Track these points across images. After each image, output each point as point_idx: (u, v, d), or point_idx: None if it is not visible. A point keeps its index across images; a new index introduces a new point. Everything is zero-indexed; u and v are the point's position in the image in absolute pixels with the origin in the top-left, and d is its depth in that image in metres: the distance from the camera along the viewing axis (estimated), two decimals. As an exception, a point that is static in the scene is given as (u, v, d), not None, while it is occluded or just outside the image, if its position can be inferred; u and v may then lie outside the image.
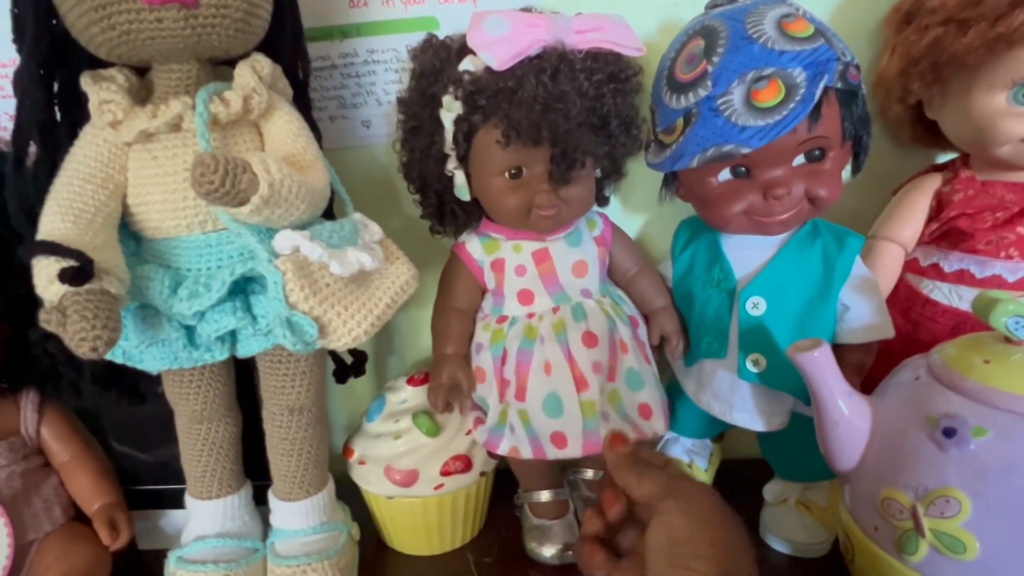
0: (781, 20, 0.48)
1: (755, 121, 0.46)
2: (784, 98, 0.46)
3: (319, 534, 0.55)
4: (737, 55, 0.48)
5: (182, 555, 0.53)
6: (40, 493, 0.56)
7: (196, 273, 0.45)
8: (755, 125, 0.46)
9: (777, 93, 0.46)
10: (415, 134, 0.54)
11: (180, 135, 0.44)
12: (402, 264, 0.50)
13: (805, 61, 0.46)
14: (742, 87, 0.47)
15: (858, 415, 0.45)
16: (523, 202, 0.53)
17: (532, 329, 0.55)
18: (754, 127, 0.46)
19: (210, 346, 0.46)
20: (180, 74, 0.45)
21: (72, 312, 0.38)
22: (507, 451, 0.55)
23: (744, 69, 0.47)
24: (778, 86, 0.46)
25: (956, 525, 0.39)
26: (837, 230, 0.55)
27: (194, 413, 0.52)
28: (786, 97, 0.46)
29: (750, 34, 0.48)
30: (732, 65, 0.48)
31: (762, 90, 0.46)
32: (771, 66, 0.47)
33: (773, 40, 0.47)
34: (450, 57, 0.52)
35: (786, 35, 0.47)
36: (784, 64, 0.46)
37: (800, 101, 0.46)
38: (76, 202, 0.42)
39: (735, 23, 0.49)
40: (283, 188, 0.41)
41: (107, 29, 0.40)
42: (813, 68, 0.46)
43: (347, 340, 0.44)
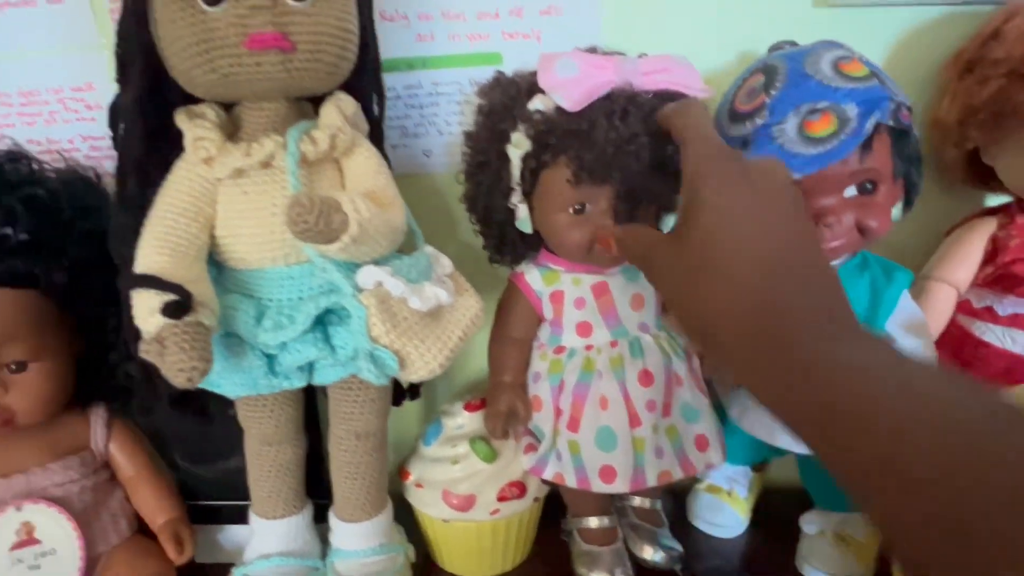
0: (838, 61, 0.50)
1: (806, 150, 0.48)
2: (836, 130, 0.48)
3: (379, 555, 0.56)
4: (794, 89, 0.50)
5: (246, 572, 0.55)
6: (108, 507, 0.58)
7: (278, 303, 0.47)
8: (806, 153, 0.48)
9: (829, 124, 0.48)
10: (482, 168, 0.56)
11: (270, 171, 0.45)
12: (470, 297, 0.52)
13: (859, 98, 0.48)
14: (796, 118, 0.49)
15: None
16: (586, 237, 0.54)
17: (590, 362, 0.57)
18: (805, 155, 0.48)
19: (289, 374, 0.47)
20: (270, 112, 0.46)
21: (171, 344, 0.40)
22: (551, 477, 0.57)
23: (799, 102, 0.49)
24: (831, 118, 0.48)
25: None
26: (886, 264, 0.56)
27: (265, 435, 0.54)
28: (838, 129, 0.48)
29: (807, 71, 0.50)
30: (789, 98, 0.50)
31: (815, 121, 0.48)
32: (825, 100, 0.48)
33: (829, 78, 0.49)
34: (519, 95, 0.53)
35: (841, 74, 0.49)
36: (838, 99, 0.48)
37: (851, 133, 0.48)
38: (171, 235, 0.44)
39: (794, 62, 0.51)
40: (370, 227, 0.43)
41: (209, 72, 0.42)
42: (866, 104, 0.48)
43: (423, 373, 0.46)
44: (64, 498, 0.55)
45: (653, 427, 0.56)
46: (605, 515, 0.62)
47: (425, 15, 0.61)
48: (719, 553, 0.65)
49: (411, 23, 0.61)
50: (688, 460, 0.56)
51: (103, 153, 0.65)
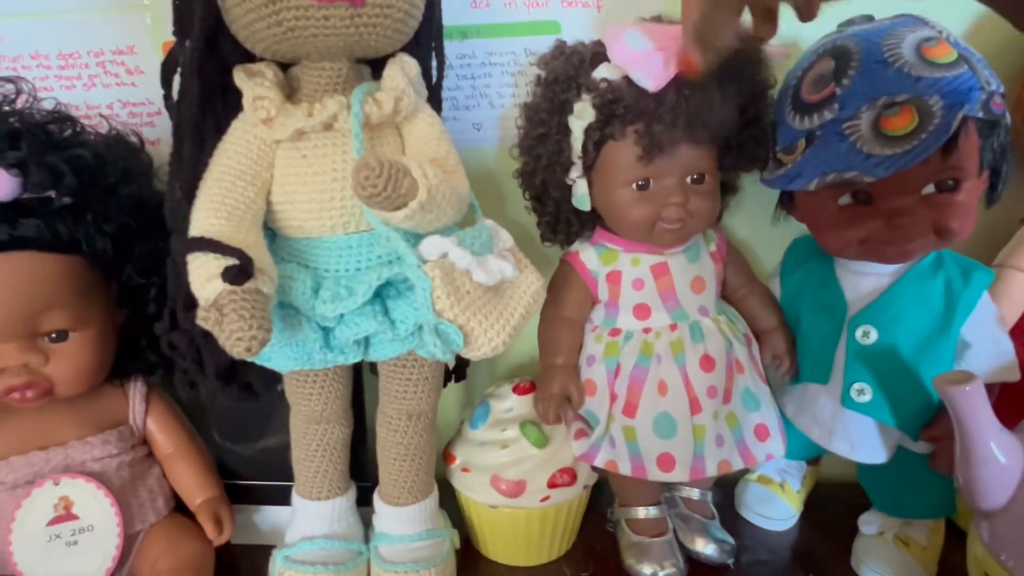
0: (921, 44, 0.46)
1: (882, 149, 0.44)
2: (917, 127, 0.44)
3: (425, 540, 0.54)
4: (869, 78, 0.46)
5: (289, 555, 0.53)
6: (146, 483, 0.56)
7: (335, 274, 0.45)
8: (882, 154, 0.44)
9: (910, 121, 0.44)
10: (541, 141, 0.53)
11: (331, 134, 0.43)
12: (531, 273, 0.49)
13: (944, 89, 0.44)
14: (872, 112, 0.45)
15: (1010, 454, 0.44)
16: (649, 214, 0.52)
17: (648, 346, 0.54)
18: (880, 156, 0.44)
19: (344, 349, 0.45)
20: (332, 72, 0.44)
21: (230, 311, 0.38)
22: (603, 464, 0.54)
23: (876, 94, 0.45)
24: (911, 114, 0.44)
25: None
26: (964, 262, 0.53)
27: (313, 413, 0.52)
28: (919, 126, 0.44)
29: (886, 57, 0.45)
30: (863, 89, 0.46)
31: (893, 117, 0.44)
32: (906, 92, 0.44)
33: (911, 65, 0.45)
34: (584, 64, 0.51)
35: (925, 60, 0.45)
36: (920, 91, 0.44)
37: (934, 131, 0.43)
38: (228, 198, 0.42)
39: (870, 44, 0.47)
40: (438, 194, 0.41)
41: (274, 25, 0.40)
42: (952, 96, 0.44)
43: (487, 350, 0.44)
44: (103, 473, 0.53)
45: (714, 414, 0.53)
46: (654, 505, 0.60)
47: (481, -20, 0.59)
48: (767, 546, 0.63)
49: (467, -12, 0.59)
50: (748, 449, 0.54)
51: (142, 120, 0.63)
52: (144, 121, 0.63)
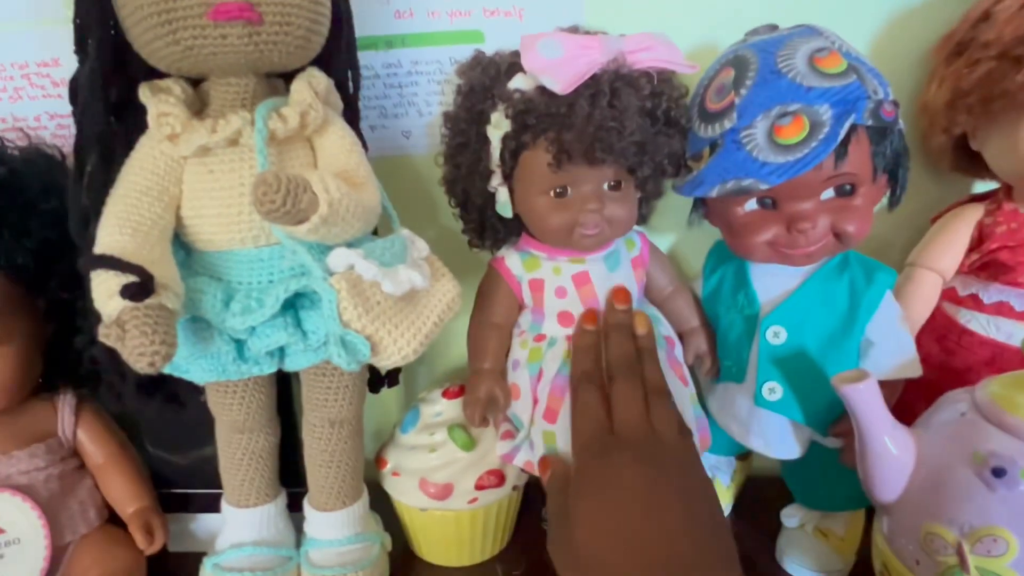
0: (813, 55, 0.47)
1: (776, 157, 0.46)
2: (807, 136, 0.45)
3: (354, 544, 0.55)
4: (764, 89, 0.47)
5: (218, 562, 0.54)
6: (76, 495, 0.57)
7: (247, 287, 0.45)
8: (775, 162, 0.46)
9: (801, 130, 0.45)
10: (461, 150, 0.54)
11: (237, 149, 0.44)
12: (447, 281, 0.50)
13: (833, 98, 0.45)
14: (766, 122, 0.46)
15: (902, 448, 0.45)
16: (567, 221, 0.53)
17: (570, 353, 0.56)
18: (774, 163, 0.46)
19: (258, 360, 0.46)
20: (238, 88, 0.45)
21: (131, 327, 0.38)
22: (522, 464, 0.56)
23: (770, 104, 0.47)
24: (802, 123, 0.45)
25: (1003, 565, 0.39)
26: (868, 263, 0.55)
27: (236, 423, 0.52)
28: (809, 135, 0.45)
29: (780, 68, 0.47)
30: (758, 99, 0.47)
31: (786, 126, 0.46)
32: (797, 102, 0.46)
33: (803, 76, 0.46)
34: (499, 75, 0.52)
35: (816, 71, 0.46)
36: (811, 101, 0.46)
37: (824, 139, 0.45)
38: (133, 215, 0.42)
39: (767, 55, 0.48)
40: (341, 207, 0.41)
41: (172, 44, 0.40)
42: (841, 106, 0.45)
43: (397, 359, 0.44)
44: (29, 486, 0.54)
45: None
46: (585, 503, 0.61)
47: (404, -9, 0.60)
48: (700, 541, 0.64)
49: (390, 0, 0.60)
50: None
51: (70, 132, 0.62)
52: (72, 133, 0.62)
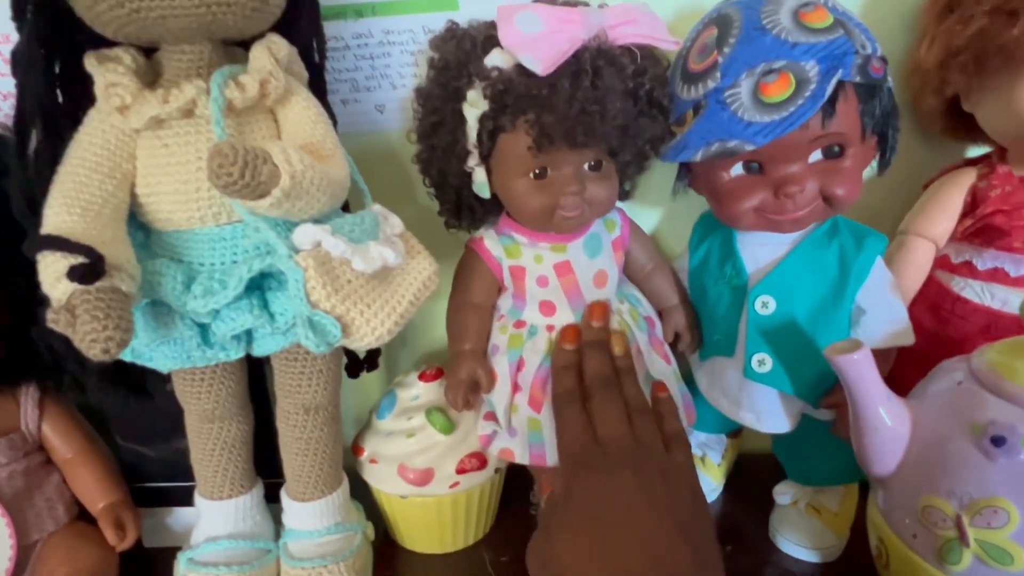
0: (799, 10, 0.45)
1: (761, 117, 0.44)
2: (793, 93, 0.44)
3: (334, 535, 0.53)
4: (748, 46, 0.45)
5: (193, 556, 0.52)
6: (43, 491, 0.54)
7: (210, 268, 0.43)
8: (761, 121, 0.44)
9: (787, 87, 0.44)
10: (436, 129, 0.52)
11: (193, 121, 0.41)
12: (423, 259, 0.48)
13: (819, 54, 0.44)
14: (751, 80, 0.45)
15: (897, 419, 0.44)
16: (547, 203, 0.50)
17: (553, 344, 0.54)
18: (760, 123, 0.44)
19: (224, 345, 0.43)
20: (192, 56, 0.42)
21: (82, 312, 0.36)
22: (497, 451, 0.55)
23: (754, 61, 0.45)
24: (788, 80, 0.44)
25: (1004, 536, 0.38)
26: (858, 229, 0.53)
27: (205, 412, 0.50)
28: (795, 92, 0.43)
29: (764, 24, 0.45)
30: (742, 57, 0.45)
31: (771, 84, 0.44)
32: (782, 59, 0.44)
33: (787, 31, 0.45)
34: (475, 49, 0.49)
35: (802, 26, 0.45)
36: (796, 57, 0.44)
37: (810, 97, 0.43)
38: (83, 193, 0.40)
39: (750, 11, 0.47)
40: (305, 180, 0.39)
41: (115, 7, 0.38)
42: (827, 62, 0.44)
43: (370, 340, 0.42)
44: (-9, 483, 0.51)
45: None
46: (573, 486, 0.59)
47: (372, -44, 0.57)
48: (692, 521, 0.63)
49: (357, -35, 0.57)
50: None
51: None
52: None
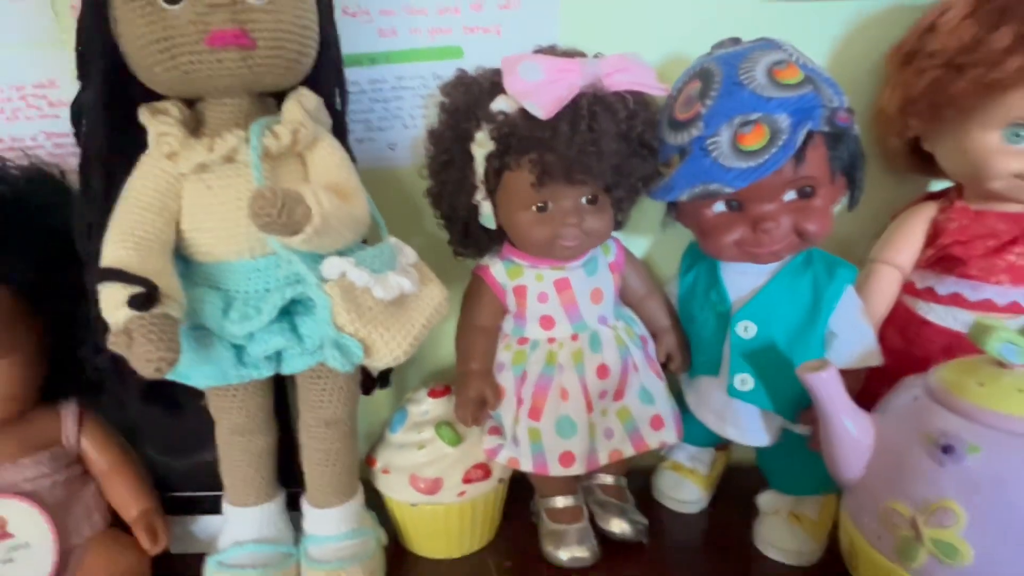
0: (773, 67, 0.51)
1: (739, 163, 0.49)
2: (768, 142, 0.49)
3: (351, 539, 0.58)
4: (728, 100, 0.51)
5: (221, 560, 0.56)
6: (81, 500, 0.59)
7: (244, 295, 0.48)
8: (739, 167, 0.49)
9: (762, 137, 0.49)
10: (446, 167, 0.57)
11: (233, 166, 0.47)
12: (435, 286, 0.53)
13: (791, 108, 0.49)
14: (729, 130, 0.50)
15: (862, 431, 0.49)
16: (548, 234, 0.56)
17: (552, 355, 0.59)
18: (738, 168, 0.49)
19: (257, 364, 0.48)
20: (232, 107, 0.47)
21: (138, 335, 0.41)
22: (505, 461, 0.60)
23: (733, 113, 0.50)
24: (763, 131, 0.49)
25: (953, 534, 0.42)
26: (830, 260, 0.58)
27: (235, 425, 0.55)
28: (770, 142, 0.49)
29: (741, 79, 0.50)
30: (722, 109, 0.51)
31: (747, 134, 0.49)
32: (758, 111, 0.49)
33: (762, 87, 0.50)
34: (482, 95, 0.54)
35: (775, 82, 0.50)
36: (770, 110, 0.49)
37: (782, 146, 0.48)
38: (137, 229, 0.45)
39: (729, 67, 0.52)
40: (332, 219, 0.44)
41: (171, 68, 0.43)
42: (798, 114, 0.49)
43: (388, 360, 0.47)
44: (36, 493, 0.56)
45: (603, 411, 0.59)
46: (571, 494, 0.64)
47: (387, 10, 0.62)
48: (682, 528, 0.68)
49: (373, 18, 0.63)
50: (641, 438, 0.59)
51: (67, 150, 0.65)
52: (69, 152, 0.65)
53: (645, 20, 0.64)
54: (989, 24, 0.50)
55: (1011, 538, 0.41)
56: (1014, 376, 0.45)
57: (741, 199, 0.53)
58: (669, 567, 0.63)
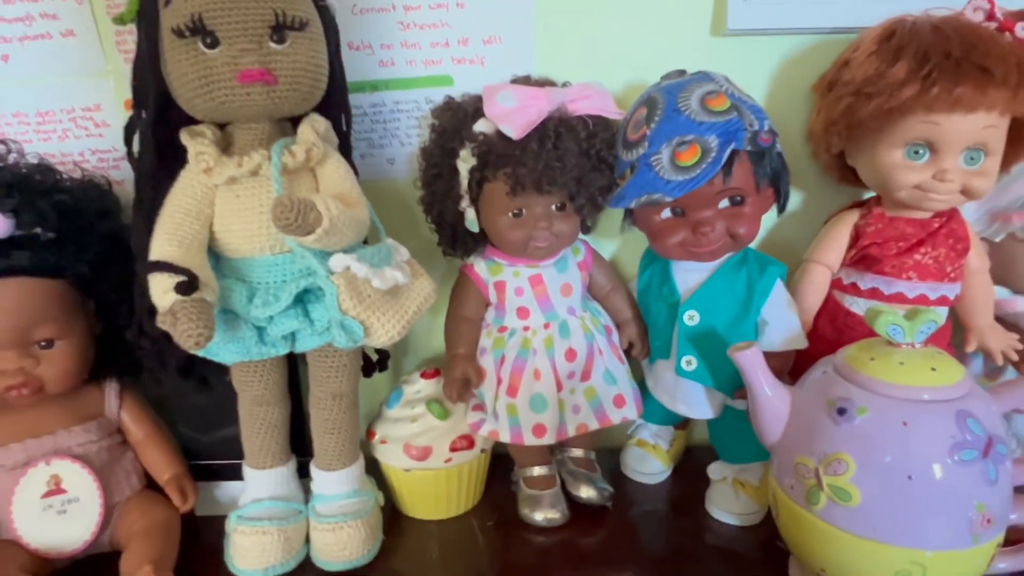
0: (705, 97, 0.60)
1: (676, 176, 0.59)
2: (699, 159, 0.58)
3: (353, 499, 0.67)
4: (668, 124, 0.60)
5: (241, 514, 0.65)
6: (121, 464, 0.68)
7: (266, 286, 0.57)
8: (676, 179, 0.59)
9: (695, 155, 0.58)
10: (435, 180, 0.67)
11: (257, 179, 0.56)
12: (424, 280, 0.63)
13: (719, 131, 0.58)
14: (669, 149, 0.59)
15: (780, 400, 0.58)
16: (523, 236, 0.65)
17: (527, 341, 0.68)
18: (676, 181, 0.59)
19: (275, 343, 0.58)
20: (257, 131, 0.57)
21: (181, 316, 0.50)
22: (487, 433, 0.68)
23: (672, 135, 0.59)
24: (696, 150, 0.58)
25: (845, 480, 0.51)
26: (762, 259, 0.68)
27: (256, 397, 0.64)
28: (701, 158, 0.58)
29: (679, 107, 0.60)
30: (663, 131, 0.60)
31: (683, 152, 0.59)
32: (692, 133, 0.59)
33: (696, 113, 0.59)
34: (467, 118, 0.64)
35: (706, 109, 0.59)
36: (702, 132, 0.58)
37: (711, 162, 0.58)
38: (179, 231, 0.55)
39: (670, 97, 0.61)
40: (339, 222, 0.54)
41: (208, 100, 0.53)
42: (724, 136, 0.58)
43: (384, 339, 0.57)
44: (86, 455, 0.65)
45: (571, 390, 0.68)
46: (545, 464, 0.73)
47: (386, 44, 0.72)
48: (645, 496, 0.77)
49: (374, 51, 0.73)
50: (605, 414, 0.68)
51: (109, 164, 0.75)
52: (111, 165, 0.75)
53: (607, 52, 0.73)
54: (888, 60, 0.60)
55: (889, 482, 0.50)
56: (899, 352, 0.54)
57: (683, 206, 0.63)
58: (632, 528, 0.71)
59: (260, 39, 0.52)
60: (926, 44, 0.59)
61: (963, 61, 0.57)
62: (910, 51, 0.59)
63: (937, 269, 0.66)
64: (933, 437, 0.50)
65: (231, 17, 0.51)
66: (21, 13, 0.69)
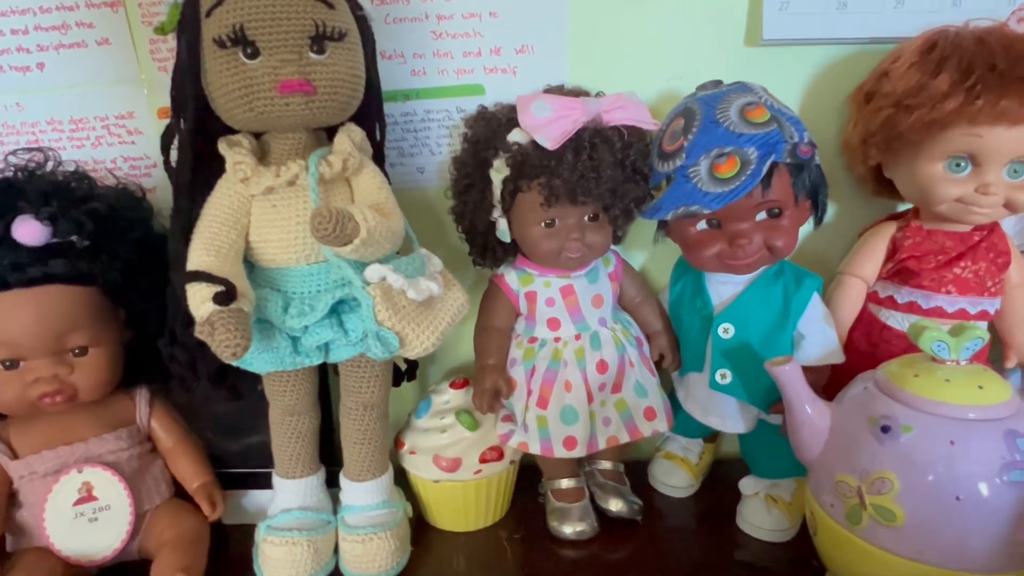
0: (744, 108, 0.59)
1: (715, 188, 0.58)
2: (739, 171, 0.57)
3: (382, 510, 0.67)
4: (706, 135, 0.59)
5: (271, 524, 0.65)
6: (151, 472, 0.68)
7: (301, 296, 0.57)
8: (715, 191, 0.58)
9: (734, 167, 0.58)
10: (468, 190, 0.67)
11: (294, 189, 0.56)
12: (458, 291, 0.62)
13: (758, 142, 0.58)
14: (707, 161, 0.59)
15: (820, 416, 0.57)
16: (556, 247, 0.65)
17: (558, 352, 0.68)
18: (714, 193, 0.58)
19: (309, 353, 0.58)
20: (294, 140, 0.57)
21: (219, 326, 0.50)
22: (516, 445, 0.68)
23: (710, 147, 0.59)
24: (735, 161, 0.58)
25: (890, 500, 0.51)
26: (799, 271, 0.67)
27: (287, 407, 0.64)
28: (740, 170, 0.57)
29: (718, 118, 0.59)
30: (701, 143, 0.59)
31: (722, 164, 0.58)
32: (731, 145, 0.58)
33: (735, 124, 0.58)
34: (500, 128, 0.64)
35: (746, 120, 0.59)
36: (741, 144, 0.58)
37: (751, 174, 0.57)
38: (216, 240, 0.55)
39: (708, 108, 0.61)
40: (376, 232, 0.53)
41: (248, 111, 0.53)
42: (764, 148, 0.57)
43: (419, 351, 0.56)
44: (117, 463, 0.65)
45: (602, 403, 0.68)
46: (574, 477, 0.72)
47: (418, 54, 0.72)
48: (673, 510, 0.76)
49: (407, 61, 0.72)
50: (636, 427, 0.68)
51: (141, 172, 0.75)
52: (142, 173, 0.75)
53: (641, 62, 0.73)
54: (930, 72, 0.59)
55: (935, 502, 0.49)
56: (944, 369, 0.53)
57: (720, 218, 0.62)
58: (660, 542, 0.71)
59: (300, 50, 0.52)
60: (969, 56, 0.58)
61: (1008, 73, 0.56)
62: (953, 63, 0.58)
63: (977, 283, 0.65)
64: (981, 457, 0.49)
65: (272, 28, 0.51)
66: (58, 22, 0.69)
